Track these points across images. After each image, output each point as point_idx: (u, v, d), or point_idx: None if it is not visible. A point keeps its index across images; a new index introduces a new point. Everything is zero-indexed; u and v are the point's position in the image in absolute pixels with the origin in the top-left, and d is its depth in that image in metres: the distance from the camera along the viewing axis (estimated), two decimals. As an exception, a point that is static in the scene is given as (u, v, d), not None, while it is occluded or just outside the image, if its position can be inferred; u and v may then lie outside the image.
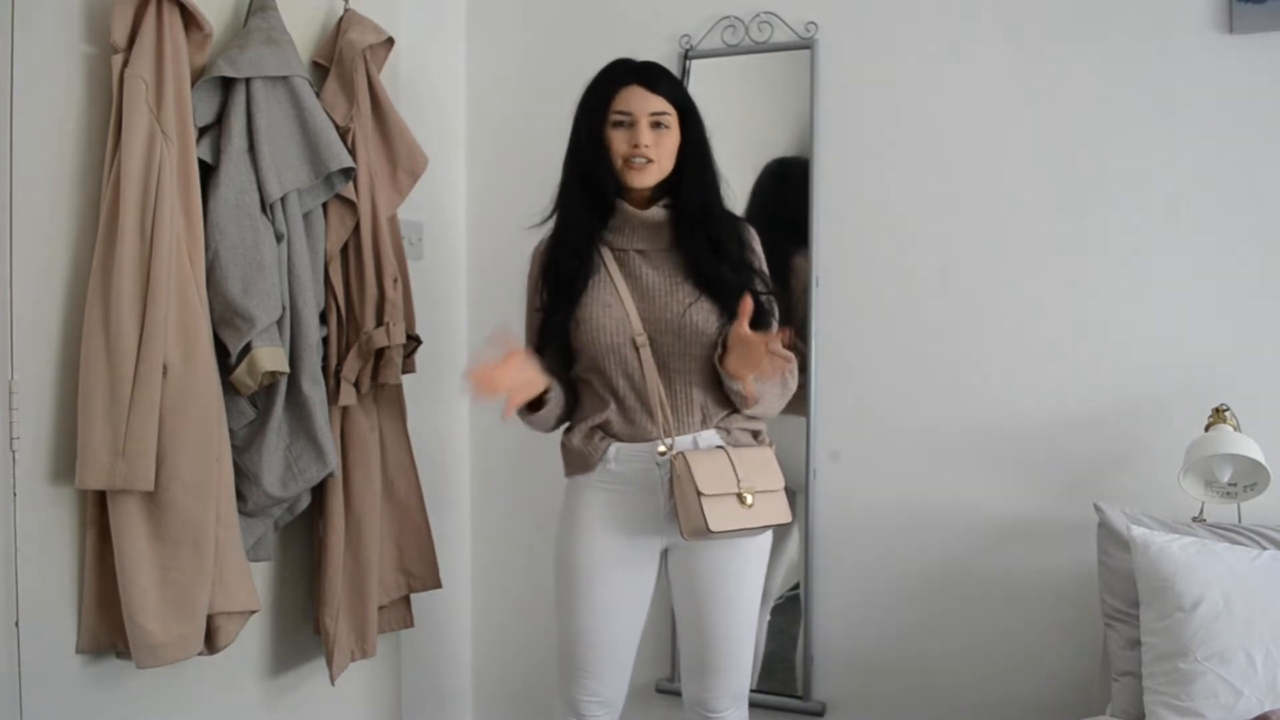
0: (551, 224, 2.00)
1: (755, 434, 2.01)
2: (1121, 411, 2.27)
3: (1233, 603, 1.82)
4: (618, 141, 1.91)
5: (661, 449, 1.91)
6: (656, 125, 1.91)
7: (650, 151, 1.90)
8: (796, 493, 2.47)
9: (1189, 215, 2.23)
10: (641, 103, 1.90)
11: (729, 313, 1.90)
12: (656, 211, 1.96)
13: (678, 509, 1.86)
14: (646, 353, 1.92)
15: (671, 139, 1.93)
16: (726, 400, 1.97)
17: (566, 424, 2.05)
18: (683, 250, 1.95)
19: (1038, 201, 2.33)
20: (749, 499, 1.88)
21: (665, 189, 1.96)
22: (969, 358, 2.38)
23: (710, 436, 1.95)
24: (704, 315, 1.92)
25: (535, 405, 1.95)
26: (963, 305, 2.38)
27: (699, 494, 1.83)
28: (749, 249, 1.99)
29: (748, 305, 1.81)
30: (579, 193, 1.96)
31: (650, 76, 1.94)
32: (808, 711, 2.53)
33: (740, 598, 1.98)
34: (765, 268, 2.01)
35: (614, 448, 1.95)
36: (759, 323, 1.89)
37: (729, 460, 1.90)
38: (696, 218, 1.94)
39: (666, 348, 1.93)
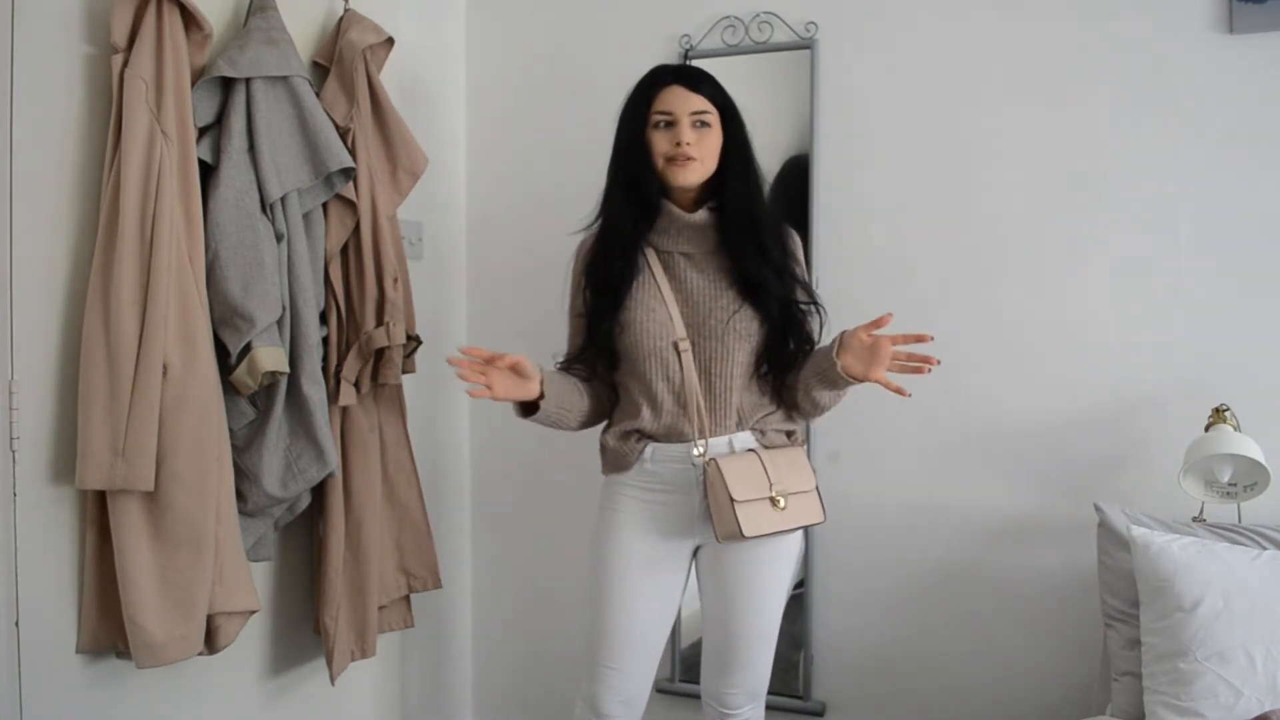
0: (596, 225, 2.01)
1: (789, 434, 2.02)
2: (1121, 411, 2.27)
3: (1233, 603, 1.82)
4: (660, 142, 1.91)
5: (697, 451, 1.91)
6: (698, 124, 1.91)
7: (693, 150, 1.89)
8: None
9: (1189, 215, 2.23)
10: (683, 102, 1.90)
11: (771, 320, 1.92)
12: (702, 214, 1.95)
13: (711, 513, 1.87)
14: (688, 357, 1.93)
15: (714, 138, 1.93)
16: (762, 403, 1.98)
17: (605, 423, 2.05)
18: (728, 253, 1.94)
19: (1037, 201, 2.33)
20: (781, 502, 1.89)
21: (710, 193, 1.96)
22: (969, 358, 2.38)
23: (745, 438, 1.96)
24: (747, 322, 1.93)
25: (530, 408, 1.94)
26: (963, 305, 2.38)
27: (732, 500, 1.84)
28: (792, 256, 1.99)
29: (888, 319, 1.78)
30: (623, 198, 1.95)
31: (691, 77, 1.94)
32: (808, 711, 2.53)
33: (767, 596, 1.98)
34: (806, 275, 2.02)
35: (650, 448, 1.96)
36: (797, 337, 1.93)
37: (761, 463, 1.91)
38: (742, 219, 1.93)
39: (709, 352, 1.93)
